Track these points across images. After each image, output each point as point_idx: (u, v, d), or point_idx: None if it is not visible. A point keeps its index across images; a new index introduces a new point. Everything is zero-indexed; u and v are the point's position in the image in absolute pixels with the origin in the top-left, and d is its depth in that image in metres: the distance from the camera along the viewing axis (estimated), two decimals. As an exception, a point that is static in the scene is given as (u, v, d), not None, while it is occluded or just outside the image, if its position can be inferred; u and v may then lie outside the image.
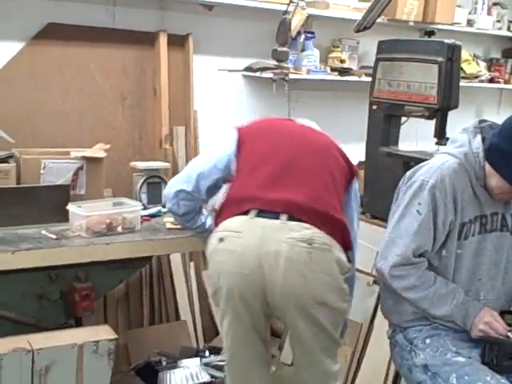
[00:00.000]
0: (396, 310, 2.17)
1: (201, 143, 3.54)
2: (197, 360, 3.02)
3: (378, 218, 3.04)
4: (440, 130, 2.87)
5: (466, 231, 2.06)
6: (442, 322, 2.07)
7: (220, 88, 3.68)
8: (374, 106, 3.10)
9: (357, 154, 3.72)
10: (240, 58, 3.68)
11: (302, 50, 3.79)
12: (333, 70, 3.89)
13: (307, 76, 3.75)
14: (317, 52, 3.82)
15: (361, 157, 3.26)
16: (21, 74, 3.07)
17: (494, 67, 4.75)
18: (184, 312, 3.40)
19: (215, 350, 3.13)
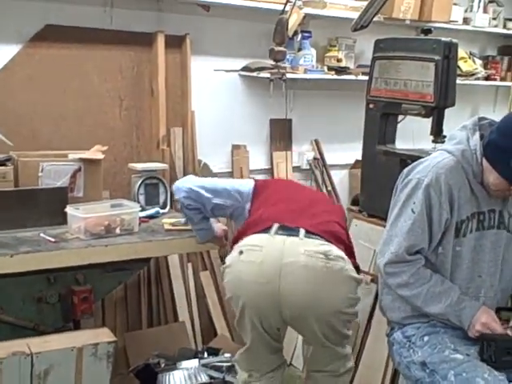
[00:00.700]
0: (394, 306, 2.17)
1: (198, 144, 3.54)
2: (195, 361, 3.02)
3: (375, 216, 3.05)
4: (437, 127, 2.87)
5: (465, 228, 2.07)
6: (439, 319, 2.08)
7: (217, 88, 3.68)
8: (371, 105, 3.10)
9: (354, 152, 3.74)
10: (237, 58, 3.67)
11: (299, 50, 3.79)
12: (330, 69, 3.89)
13: (304, 75, 3.75)
14: (314, 51, 3.82)
15: (358, 155, 3.27)
16: (18, 76, 3.07)
17: (491, 65, 4.74)
18: (182, 313, 3.41)
19: (214, 351, 3.13)
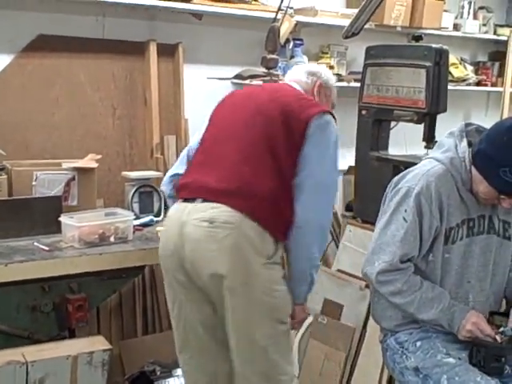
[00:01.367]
0: (386, 314, 2.19)
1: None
2: (191, 368, 3.02)
3: (368, 222, 3.05)
4: (429, 133, 2.89)
5: (454, 235, 2.08)
6: (431, 325, 2.09)
7: (210, 96, 3.66)
8: (363, 111, 3.12)
9: (347, 159, 3.76)
10: (230, 66, 3.69)
11: (291, 57, 3.80)
12: (322, 76, 3.91)
13: (297, 83, 3.77)
14: (306, 59, 3.83)
15: (351, 162, 3.28)
16: (11, 86, 3.08)
17: (481, 70, 4.78)
18: (178, 320, 3.40)
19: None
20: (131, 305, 3.34)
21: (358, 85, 3.18)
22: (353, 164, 3.27)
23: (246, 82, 3.59)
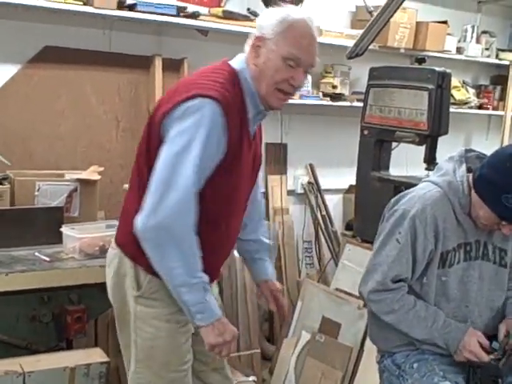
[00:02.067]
0: (382, 336, 2.19)
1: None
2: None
3: (368, 241, 3.06)
4: (430, 155, 2.92)
5: (451, 259, 2.08)
6: (426, 345, 2.09)
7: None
8: (366, 131, 3.15)
9: (348, 177, 3.78)
10: (234, 83, 3.71)
11: (295, 76, 3.83)
12: (325, 95, 3.95)
13: (300, 101, 3.80)
14: (309, 77, 3.87)
15: (352, 180, 3.30)
16: (16, 97, 3.10)
17: (483, 94, 4.83)
18: (175, 334, 3.39)
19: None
20: (129, 317, 3.33)
21: (361, 104, 3.21)
22: (354, 183, 3.28)
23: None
